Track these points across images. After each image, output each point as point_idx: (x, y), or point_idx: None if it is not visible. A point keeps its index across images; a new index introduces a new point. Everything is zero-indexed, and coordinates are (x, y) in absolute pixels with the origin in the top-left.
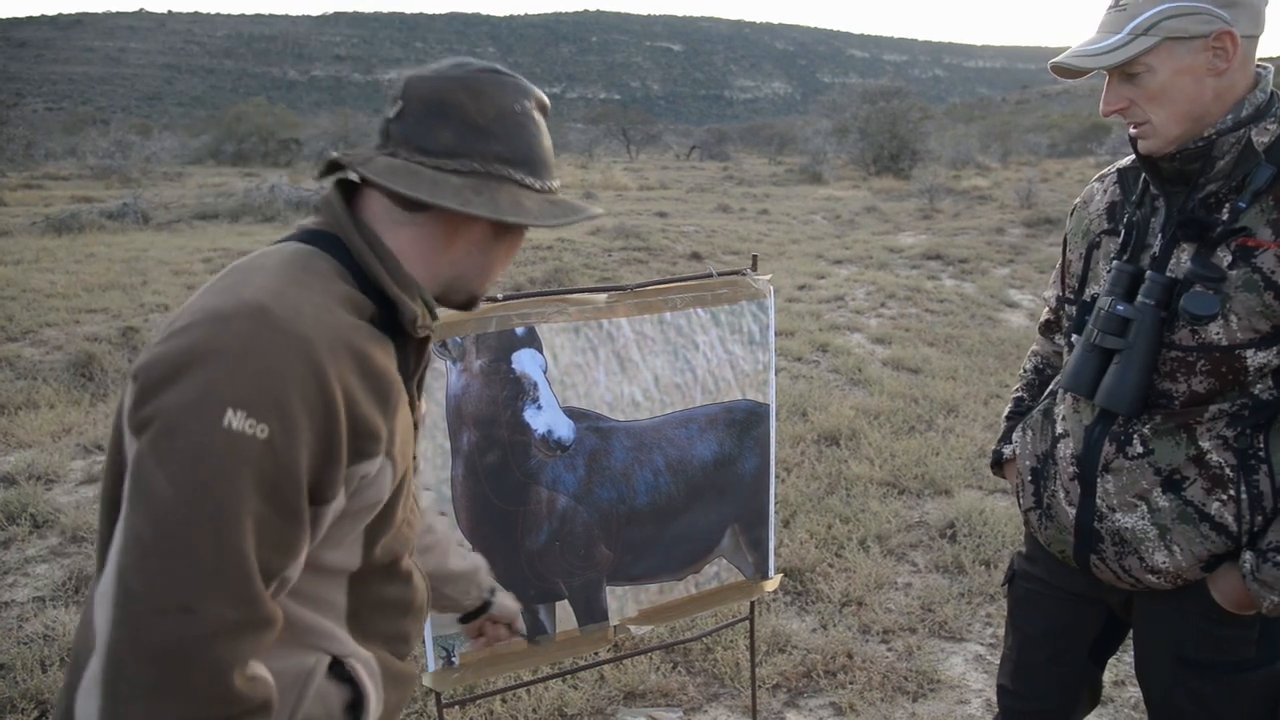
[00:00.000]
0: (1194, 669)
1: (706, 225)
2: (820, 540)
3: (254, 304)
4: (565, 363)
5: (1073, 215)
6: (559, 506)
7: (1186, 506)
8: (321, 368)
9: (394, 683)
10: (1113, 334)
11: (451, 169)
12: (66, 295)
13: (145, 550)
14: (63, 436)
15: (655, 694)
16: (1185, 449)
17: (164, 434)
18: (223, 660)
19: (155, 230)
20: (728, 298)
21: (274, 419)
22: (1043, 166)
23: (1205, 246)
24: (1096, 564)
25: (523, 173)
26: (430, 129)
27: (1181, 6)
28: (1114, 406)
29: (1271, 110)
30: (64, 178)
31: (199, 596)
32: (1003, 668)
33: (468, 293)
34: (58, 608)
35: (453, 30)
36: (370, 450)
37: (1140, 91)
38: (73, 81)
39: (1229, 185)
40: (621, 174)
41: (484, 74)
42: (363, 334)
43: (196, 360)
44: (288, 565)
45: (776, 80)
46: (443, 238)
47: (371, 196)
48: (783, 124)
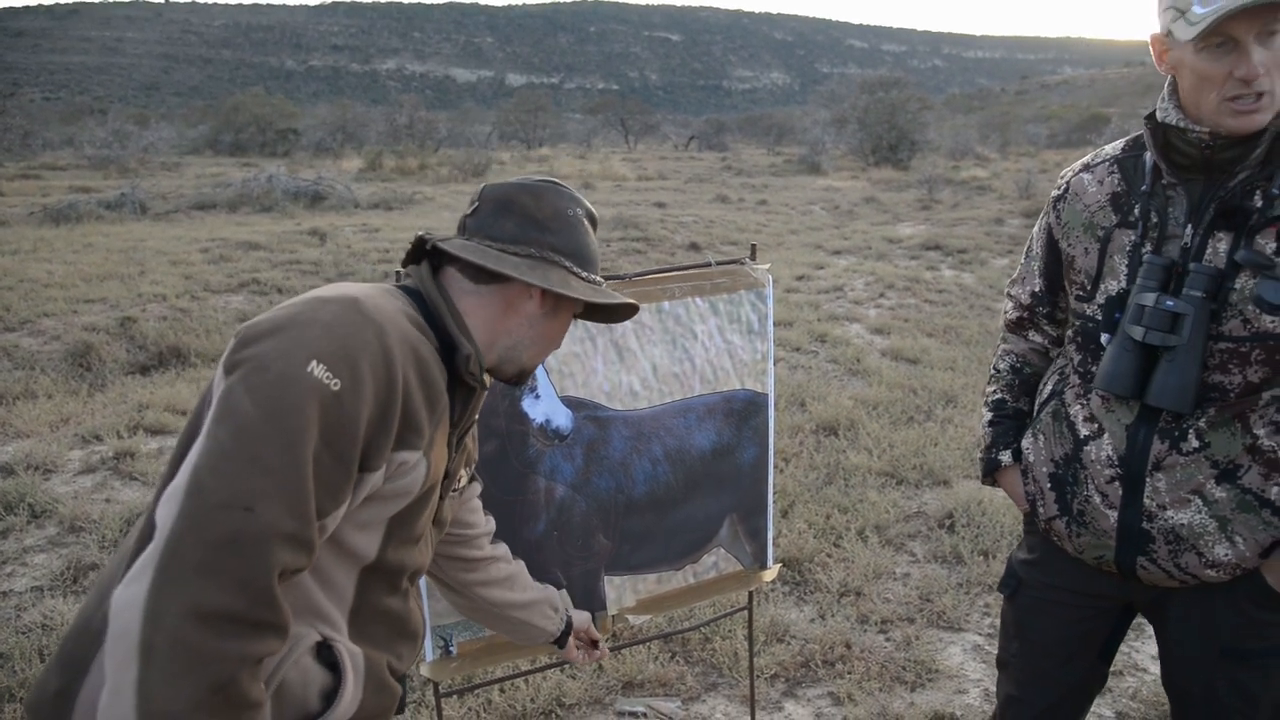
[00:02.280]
0: (1237, 659)
1: (705, 216)
2: (819, 530)
3: (349, 295)
4: (563, 352)
5: (1059, 208)
6: (557, 496)
7: (1245, 495)
8: (392, 352)
9: (377, 690)
10: (1162, 330)
11: (514, 251)
12: (64, 285)
13: (223, 453)
14: (60, 426)
15: (654, 684)
16: (1241, 438)
17: (255, 370)
18: (269, 562)
19: (153, 220)
20: (726, 287)
21: (347, 377)
22: (1042, 157)
23: (1245, 234)
24: (1145, 565)
25: (572, 262)
26: (498, 221)
27: None
28: (1174, 406)
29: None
30: (61, 168)
31: (261, 499)
32: (1008, 676)
33: (519, 365)
34: (55, 597)
35: (451, 20)
36: (413, 442)
37: (1273, 58)
38: (70, 71)
39: (1261, 173)
40: (620, 164)
41: (544, 183)
42: (426, 347)
43: (293, 324)
44: (330, 510)
45: (775, 70)
46: (501, 308)
47: (447, 272)
48: (781, 114)
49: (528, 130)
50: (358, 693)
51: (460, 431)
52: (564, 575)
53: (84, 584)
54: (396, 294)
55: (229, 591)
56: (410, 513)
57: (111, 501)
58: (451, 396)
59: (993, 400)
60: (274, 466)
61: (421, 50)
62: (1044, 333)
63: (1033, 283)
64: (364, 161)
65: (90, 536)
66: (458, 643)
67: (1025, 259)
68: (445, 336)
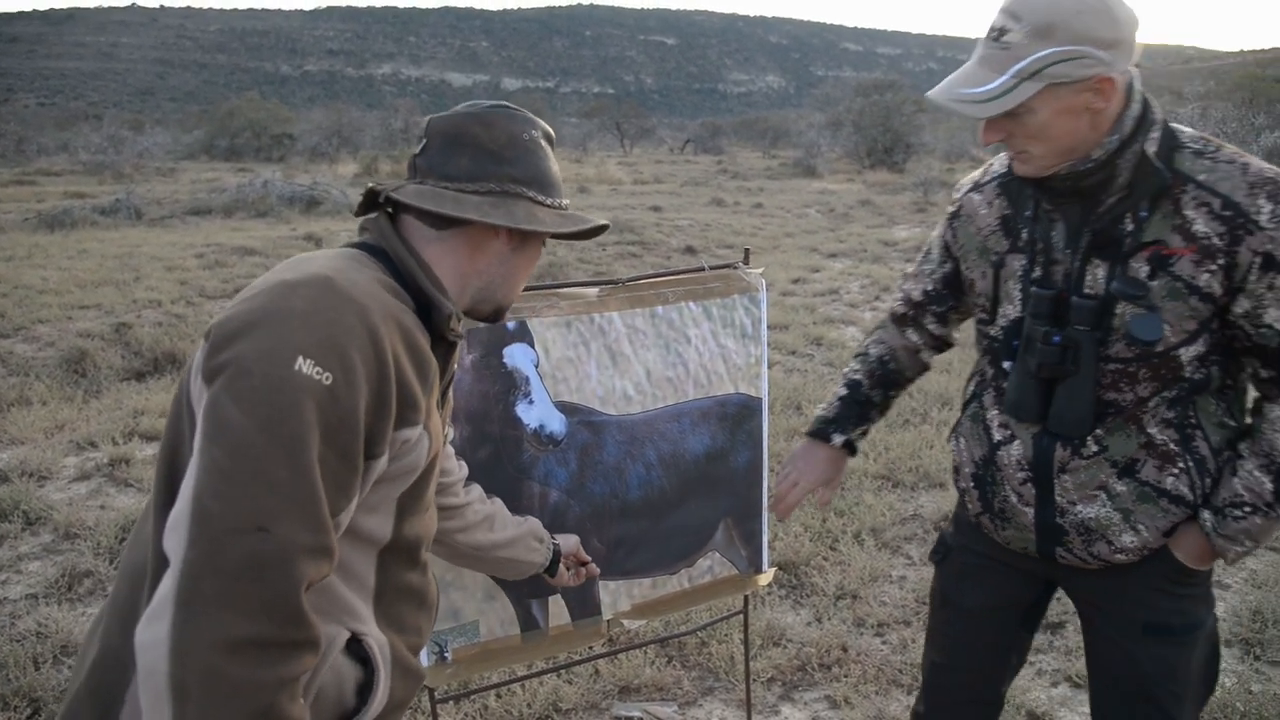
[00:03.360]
0: (1159, 634)
1: (700, 219)
2: (815, 534)
3: (319, 275)
4: (557, 357)
5: (955, 226)
6: (551, 501)
7: (1144, 487)
8: (377, 331)
9: (404, 675)
10: (1054, 363)
11: (471, 190)
12: (59, 291)
13: (223, 475)
14: (55, 433)
15: (650, 688)
16: (1136, 438)
17: (239, 376)
18: (293, 580)
19: (148, 226)
20: (720, 291)
21: (338, 369)
22: None
23: (1119, 260)
24: (1063, 555)
25: (534, 190)
26: (450, 158)
27: (1066, 51)
28: (1072, 432)
29: (1148, 116)
30: (56, 174)
31: (274, 517)
32: (933, 643)
33: (494, 303)
34: (50, 605)
35: (446, 24)
36: (412, 418)
37: (1020, 127)
38: (65, 77)
39: (1129, 198)
40: (615, 168)
41: (494, 108)
42: (408, 315)
43: (269, 317)
44: (343, 508)
45: (770, 74)
46: (468, 251)
47: (405, 221)
48: (777, 118)
49: None
50: (388, 682)
51: (444, 387)
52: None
53: (78, 591)
54: (364, 259)
55: (255, 618)
56: (419, 486)
57: (106, 508)
58: (434, 356)
59: (851, 379)
60: (280, 480)
61: (417, 55)
62: (924, 332)
63: (925, 282)
64: (359, 166)
65: (85, 544)
66: (453, 649)
67: (923, 258)
68: (421, 295)
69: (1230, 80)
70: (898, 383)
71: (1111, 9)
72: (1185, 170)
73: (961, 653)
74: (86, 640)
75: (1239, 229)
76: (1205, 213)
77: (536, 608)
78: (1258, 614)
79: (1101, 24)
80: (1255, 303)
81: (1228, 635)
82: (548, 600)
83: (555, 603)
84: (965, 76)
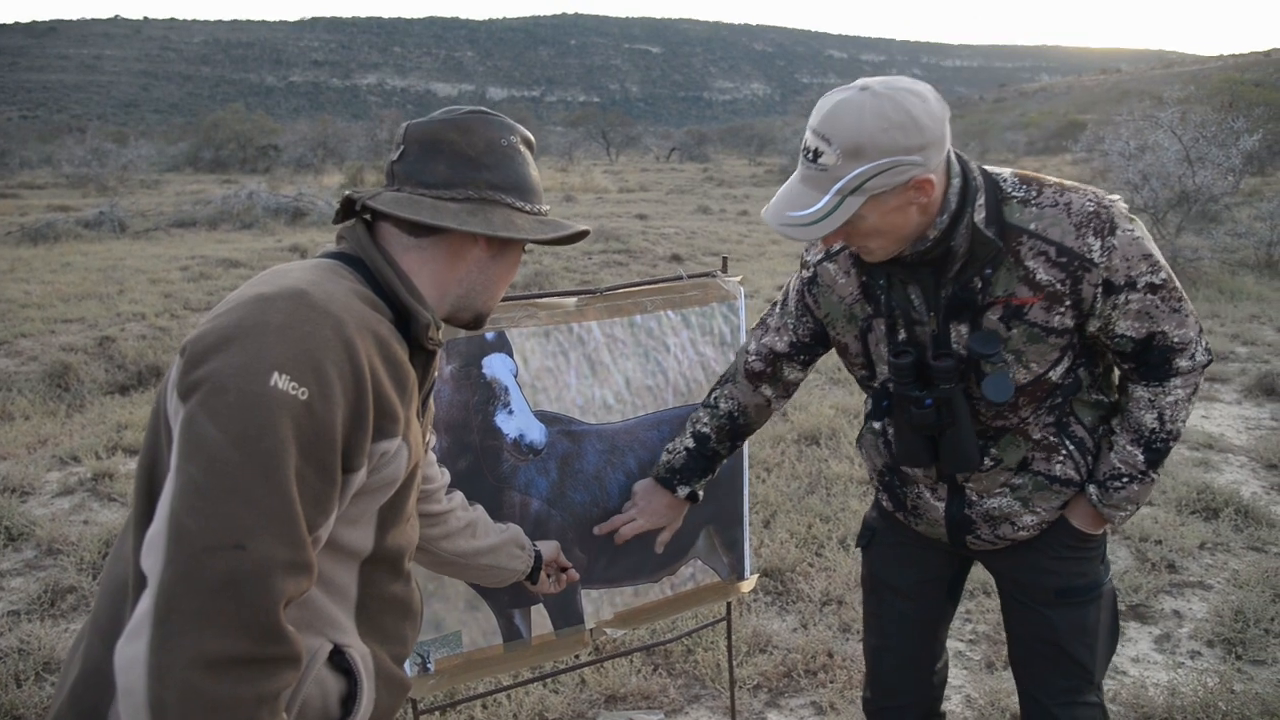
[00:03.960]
0: (1067, 596)
1: (686, 227)
2: (800, 540)
3: (294, 288)
4: (536, 367)
5: (814, 293)
6: (532, 511)
7: (1038, 477)
8: (353, 344)
9: (388, 685)
10: (930, 424)
11: (449, 197)
12: (42, 305)
13: (200, 492)
14: (38, 448)
15: (636, 696)
16: (1024, 445)
17: (214, 392)
18: (271, 597)
19: (132, 239)
20: (698, 299)
21: (313, 383)
22: (1021, 164)
23: (975, 317)
24: (973, 541)
25: (513, 197)
26: (427, 165)
27: (878, 165)
28: (961, 471)
29: (970, 183)
30: (39, 187)
31: (250, 534)
32: (869, 627)
33: (474, 311)
34: (33, 621)
35: (431, 35)
36: (391, 429)
37: (855, 231)
38: (47, 89)
39: (973, 263)
40: (601, 176)
41: (472, 114)
42: (385, 326)
43: (244, 332)
44: (320, 524)
45: (755, 81)
46: (446, 259)
47: (383, 228)
48: (762, 125)
49: None
50: (372, 693)
51: (424, 396)
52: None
53: (61, 607)
54: (339, 269)
55: (233, 635)
56: (399, 497)
57: (90, 523)
58: (413, 364)
59: (699, 432)
60: (256, 496)
61: (402, 65)
62: (780, 384)
63: (788, 335)
64: (345, 177)
65: (68, 559)
66: (435, 660)
67: (780, 311)
68: (398, 305)
69: (1210, 84)
70: (744, 434)
71: (915, 117)
72: (1017, 222)
73: (895, 631)
74: (69, 658)
75: (1077, 270)
76: (1044, 261)
77: (519, 617)
78: (1239, 614)
79: (907, 135)
80: (1105, 321)
81: (1210, 635)
82: (530, 610)
83: (538, 612)
84: (791, 198)
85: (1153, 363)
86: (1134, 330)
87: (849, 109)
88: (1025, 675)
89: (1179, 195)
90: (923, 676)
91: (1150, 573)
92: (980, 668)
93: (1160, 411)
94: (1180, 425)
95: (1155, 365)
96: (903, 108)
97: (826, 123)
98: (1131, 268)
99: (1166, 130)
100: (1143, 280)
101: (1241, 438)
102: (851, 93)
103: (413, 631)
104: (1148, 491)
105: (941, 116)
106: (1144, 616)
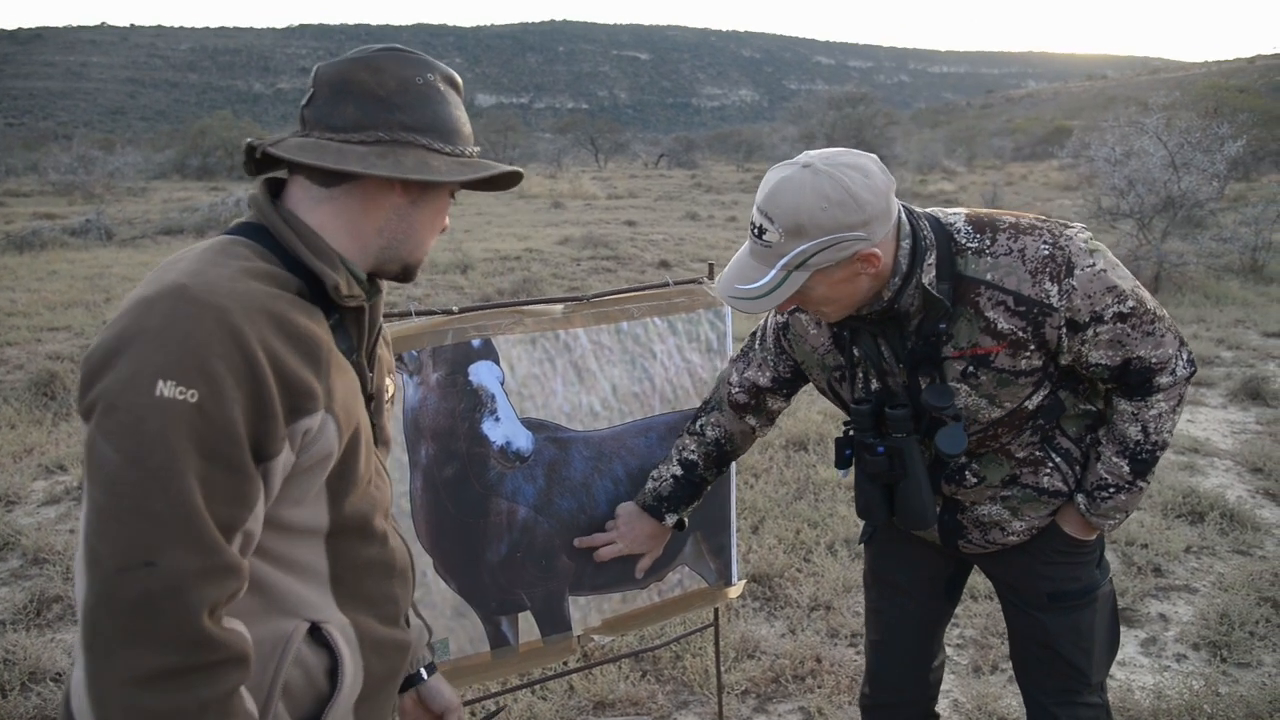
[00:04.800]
0: (1061, 600)
1: (675, 233)
2: (789, 545)
3: (173, 285)
4: (522, 374)
5: (789, 340)
6: (519, 518)
7: (1026, 489)
8: (240, 331)
9: (378, 650)
10: (883, 472)
11: (358, 140)
12: (28, 314)
13: (102, 514)
14: (24, 457)
15: (625, 703)
16: (1008, 464)
17: (106, 411)
18: (190, 607)
19: (119, 246)
20: (684, 306)
21: (201, 384)
22: (1007, 170)
23: (939, 370)
24: (964, 545)
25: (429, 138)
26: (336, 107)
27: (820, 243)
28: (915, 528)
29: (919, 244)
30: (25, 194)
31: (157, 549)
32: (870, 623)
33: (400, 262)
34: (18, 631)
35: (419, 41)
36: (307, 407)
37: (807, 300)
38: (33, 97)
39: (929, 319)
40: (590, 183)
41: (383, 52)
42: (282, 301)
43: (126, 343)
44: (244, 518)
45: (743, 88)
46: (361, 208)
47: (293, 182)
48: (750, 131)
49: (498, 150)
50: (359, 661)
51: (368, 349)
52: (528, 596)
53: (47, 617)
54: (234, 246)
55: (159, 651)
56: (345, 466)
57: (76, 533)
58: (343, 324)
59: (686, 459)
60: (158, 511)
61: None
62: (765, 414)
63: (769, 370)
64: None
65: (54, 568)
66: None
67: (759, 345)
68: (308, 270)
69: (1195, 90)
70: (730, 459)
71: (855, 194)
72: (972, 274)
73: (895, 627)
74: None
75: (1037, 317)
76: (1004, 310)
77: (506, 624)
78: (1225, 617)
79: (847, 213)
80: (1076, 355)
81: (1196, 639)
82: (517, 617)
83: (525, 619)
84: (739, 271)
85: (1133, 383)
86: (1108, 359)
87: (790, 188)
88: (1024, 676)
89: (1164, 201)
90: (921, 674)
91: (1136, 576)
92: (967, 672)
93: (1144, 424)
94: (1166, 436)
95: (1136, 385)
96: (842, 185)
97: (769, 201)
98: (1095, 303)
99: (1152, 136)
100: (1109, 312)
101: (1227, 442)
102: (794, 170)
103: (403, 587)
104: (1137, 499)
105: (885, 190)
106: (1130, 620)
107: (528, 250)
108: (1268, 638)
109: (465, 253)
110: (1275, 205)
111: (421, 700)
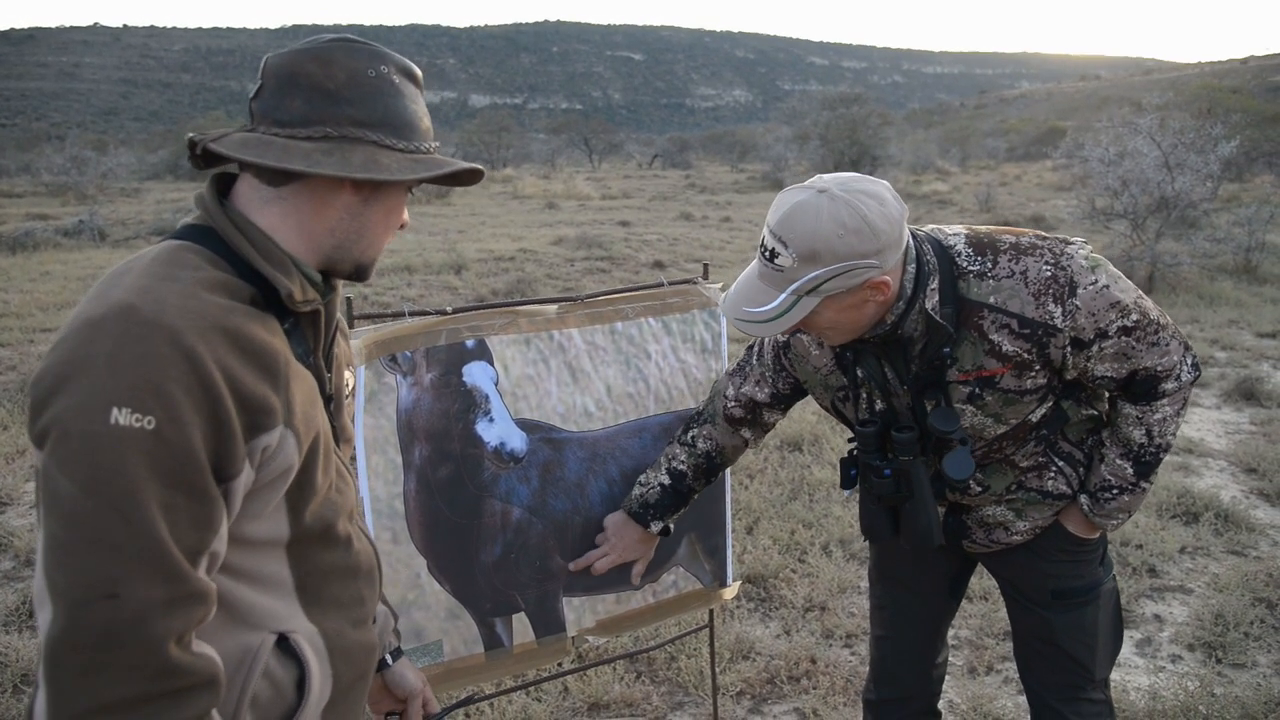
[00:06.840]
0: (1065, 598)
1: (669, 234)
2: (783, 546)
3: (121, 304)
4: (516, 374)
5: (790, 359)
6: (513, 518)
7: (1030, 493)
8: (194, 352)
9: (346, 657)
10: (889, 494)
11: (304, 136)
12: (20, 315)
13: (63, 547)
14: (16, 458)
15: (619, 704)
16: (1012, 472)
17: (59, 440)
18: (156, 637)
19: (112, 247)
20: (679, 306)
21: (158, 410)
22: (1001, 170)
23: (944, 393)
24: (968, 545)
25: (380, 134)
26: (283, 100)
27: (834, 269)
28: (921, 545)
29: (923, 268)
30: (18, 195)
31: (120, 581)
32: (875, 619)
33: (353, 261)
34: (10, 633)
35: (412, 42)
36: (266, 423)
37: (812, 325)
38: (26, 97)
39: (933, 343)
40: (584, 184)
41: (333, 43)
42: (236, 314)
43: (76, 368)
44: (209, 541)
45: (737, 88)
46: (311, 208)
47: (242, 181)
48: (744, 131)
49: (492, 151)
50: (327, 670)
51: (325, 350)
52: (522, 597)
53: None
54: (183, 255)
55: (124, 680)
56: (304, 476)
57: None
58: (299, 327)
59: (675, 469)
60: (119, 542)
61: None
62: (760, 427)
63: (767, 386)
64: None
65: None
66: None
67: (756, 363)
68: (259, 276)
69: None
70: (719, 471)
71: (870, 223)
72: (975, 297)
73: (900, 623)
74: None
75: (1042, 338)
76: (1008, 334)
77: (500, 626)
78: (1219, 617)
79: (862, 240)
80: (1081, 370)
81: (1191, 639)
82: (511, 618)
83: (519, 620)
84: (748, 294)
85: (1138, 390)
86: (1114, 371)
87: (805, 213)
88: (1028, 673)
89: (1158, 201)
90: (925, 670)
91: (1131, 577)
92: (963, 673)
93: (1148, 428)
94: (1170, 438)
95: (1141, 392)
96: (859, 213)
97: (784, 225)
98: (1099, 320)
99: (1145, 137)
100: (1114, 327)
101: (1221, 442)
102: (810, 195)
103: (369, 588)
104: (1140, 499)
105: (899, 218)
106: (1125, 621)
107: (522, 251)
108: (1262, 638)
109: (459, 253)
110: (1268, 206)
111: (386, 686)
